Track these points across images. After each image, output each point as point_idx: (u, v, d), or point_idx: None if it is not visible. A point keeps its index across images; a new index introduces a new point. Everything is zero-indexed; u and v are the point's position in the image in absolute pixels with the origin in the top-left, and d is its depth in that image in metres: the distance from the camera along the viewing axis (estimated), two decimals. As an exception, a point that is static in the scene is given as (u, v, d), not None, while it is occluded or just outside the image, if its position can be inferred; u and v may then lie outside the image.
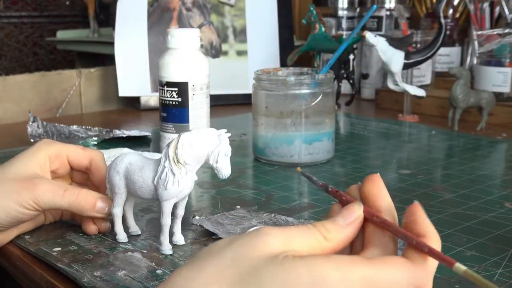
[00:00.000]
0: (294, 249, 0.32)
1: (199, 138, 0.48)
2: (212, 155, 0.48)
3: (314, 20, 1.14)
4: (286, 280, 0.29)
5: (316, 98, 0.78)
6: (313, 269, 0.30)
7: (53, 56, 2.27)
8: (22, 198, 0.50)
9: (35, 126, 0.91)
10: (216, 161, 0.48)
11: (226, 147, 0.48)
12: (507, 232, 0.56)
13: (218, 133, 0.48)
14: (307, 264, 0.30)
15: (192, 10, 1.26)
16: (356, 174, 0.76)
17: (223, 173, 0.49)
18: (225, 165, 0.48)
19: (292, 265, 0.30)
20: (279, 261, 0.30)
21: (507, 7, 1.16)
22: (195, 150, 0.48)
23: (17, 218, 0.51)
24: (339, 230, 0.35)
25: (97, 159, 0.56)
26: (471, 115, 1.05)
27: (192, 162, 0.48)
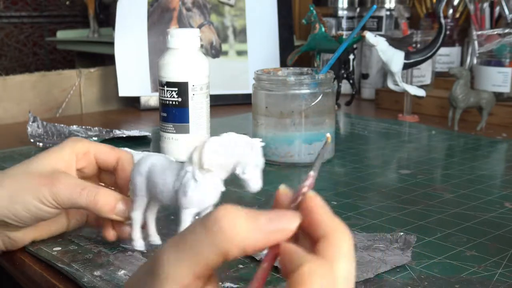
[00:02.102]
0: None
1: (228, 144, 0.44)
2: (241, 164, 0.43)
3: (314, 20, 1.14)
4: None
5: (316, 98, 0.78)
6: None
7: (53, 56, 2.27)
8: (41, 194, 0.48)
9: (35, 126, 0.91)
10: (243, 171, 0.43)
11: (257, 157, 0.44)
12: (507, 232, 0.56)
13: (250, 141, 0.44)
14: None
15: (192, 10, 1.26)
16: (356, 174, 0.76)
17: (250, 185, 0.44)
18: (254, 176, 0.43)
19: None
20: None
21: (507, 7, 1.16)
22: (222, 156, 0.43)
23: (36, 214, 0.49)
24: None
25: (124, 159, 0.53)
26: (471, 115, 1.05)
27: (218, 169, 0.44)
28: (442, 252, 0.51)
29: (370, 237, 0.53)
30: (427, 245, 0.53)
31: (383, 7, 1.33)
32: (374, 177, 0.75)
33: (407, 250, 0.50)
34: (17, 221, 0.49)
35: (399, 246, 0.52)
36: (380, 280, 0.46)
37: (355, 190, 0.69)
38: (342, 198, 0.66)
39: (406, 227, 0.57)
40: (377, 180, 0.73)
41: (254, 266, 0.49)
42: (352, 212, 0.61)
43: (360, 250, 0.51)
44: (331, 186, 0.71)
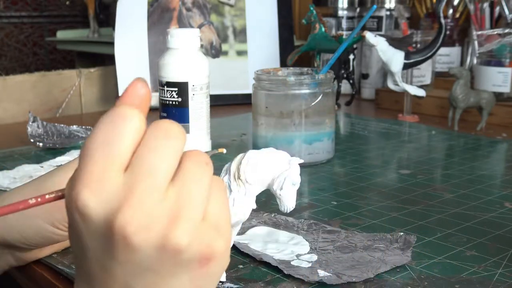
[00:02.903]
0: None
1: (267, 158, 0.43)
2: (278, 180, 0.43)
3: (314, 20, 1.14)
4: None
5: (316, 98, 0.78)
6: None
7: (53, 56, 2.27)
8: (54, 218, 0.46)
9: (35, 126, 0.91)
10: (281, 187, 0.43)
11: (294, 175, 0.43)
12: (507, 232, 0.56)
13: (289, 158, 0.44)
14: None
15: (192, 10, 1.26)
16: (356, 174, 0.76)
17: (285, 205, 0.44)
18: (289, 195, 0.43)
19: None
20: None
21: (507, 7, 1.16)
22: (260, 170, 0.43)
23: (49, 238, 0.47)
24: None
25: None
26: (471, 115, 1.05)
27: (254, 183, 0.43)
28: (442, 252, 0.51)
29: (370, 237, 0.53)
30: (427, 245, 0.53)
31: (383, 7, 1.33)
32: (374, 177, 0.75)
33: (407, 250, 0.50)
34: (28, 245, 0.48)
35: (399, 246, 0.52)
36: (380, 280, 0.46)
37: (355, 190, 0.69)
38: (342, 198, 0.66)
39: (406, 227, 0.57)
40: (377, 180, 0.73)
41: (254, 266, 0.49)
42: (352, 212, 0.61)
43: (360, 250, 0.51)
44: (331, 186, 0.71)
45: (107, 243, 0.29)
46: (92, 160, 0.29)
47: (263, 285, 0.46)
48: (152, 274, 0.30)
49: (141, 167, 0.29)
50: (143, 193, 0.28)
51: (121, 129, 0.29)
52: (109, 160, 0.29)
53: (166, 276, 0.30)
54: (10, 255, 0.50)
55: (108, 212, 0.28)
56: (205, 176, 0.30)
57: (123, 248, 0.28)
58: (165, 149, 0.29)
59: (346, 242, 0.53)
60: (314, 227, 0.56)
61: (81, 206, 0.28)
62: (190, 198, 0.29)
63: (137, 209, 0.28)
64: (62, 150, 0.86)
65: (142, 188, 0.28)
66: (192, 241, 0.29)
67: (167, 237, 0.28)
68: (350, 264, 0.48)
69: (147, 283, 0.30)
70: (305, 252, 0.51)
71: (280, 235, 0.55)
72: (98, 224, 0.28)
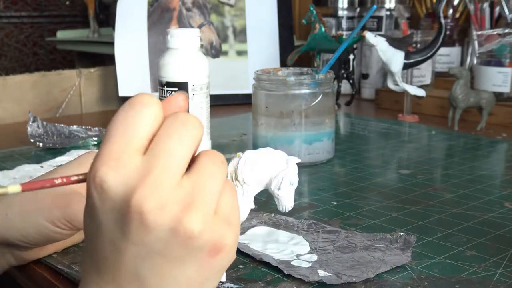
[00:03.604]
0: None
1: (264, 158, 0.43)
2: (275, 180, 0.43)
3: (314, 20, 1.14)
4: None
5: (316, 98, 0.78)
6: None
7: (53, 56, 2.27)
8: (54, 216, 0.46)
9: (35, 126, 0.91)
10: (278, 187, 0.43)
11: (292, 175, 0.43)
12: (507, 232, 0.56)
13: (286, 158, 0.44)
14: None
15: (192, 10, 1.26)
16: (356, 174, 0.76)
17: (283, 204, 0.44)
18: (287, 195, 0.43)
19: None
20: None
21: (507, 7, 1.16)
22: (258, 170, 0.43)
23: (49, 236, 0.47)
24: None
25: None
26: (471, 115, 1.05)
27: (252, 183, 0.43)
28: (442, 252, 0.51)
29: (370, 237, 0.53)
30: (427, 245, 0.53)
31: (383, 7, 1.33)
32: (374, 177, 0.75)
33: (407, 250, 0.50)
34: (29, 243, 0.47)
35: (399, 246, 0.52)
36: (380, 280, 0.46)
37: (355, 190, 0.69)
38: (342, 198, 0.66)
39: (406, 227, 0.57)
40: (377, 180, 0.73)
41: (254, 266, 0.49)
42: (352, 212, 0.61)
43: (360, 250, 0.51)
44: (331, 186, 0.71)
45: (122, 220, 0.29)
46: (112, 141, 0.30)
47: (263, 285, 0.46)
48: (161, 258, 0.30)
49: (159, 151, 0.30)
50: (161, 175, 0.29)
51: (141, 113, 0.30)
52: (128, 141, 0.30)
53: (174, 262, 0.30)
54: (10, 254, 0.50)
55: (125, 189, 0.29)
56: (220, 173, 0.31)
57: (137, 226, 0.29)
58: (183, 136, 0.30)
59: (346, 242, 0.53)
60: (314, 227, 0.56)
61: (99, 181, 0.29)
62: (205, 189, 0.30)
63: (154, 189, 0.29)
64: (62, 150, 0.86)
65: (159, 170, 0.29)
66: (204, 229, 0.30)
67: (180, 221, 0.29)
68: (350, 264, 0.48)
69: (155, 268, 0.30)
70: (305, 252, 0.51)
71: (280, 235, 0.55)
72: (115, 200, 0.29)
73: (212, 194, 0.31)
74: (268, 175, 0.43)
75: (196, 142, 0.31)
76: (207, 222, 0.30)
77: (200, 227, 0.30)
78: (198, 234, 0.30)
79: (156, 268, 0.30)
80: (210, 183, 0.31)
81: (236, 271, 0.48)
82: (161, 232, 0.29)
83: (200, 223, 0.30)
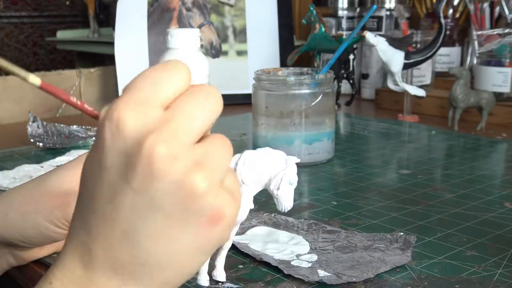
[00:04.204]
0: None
1: (263, 158, 0.43)
2: (275, 180, 0.43)
3: (314, 20, 1.14)
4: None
5: (316, 98, 0.78)
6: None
7: (53, 56, 2.27)
8: (54, 216, 0.45)
9: (35, 126, 0.91)
10: (277, 187, 0.43)
11: (291, 174, 0.43)
12: (507, 232, 0.56)
13: (285, 157, 0.43)
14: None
15: (192, 10, 1.26)
16: (356, 174, 0.76)
17: (283, 204, 0.44)
18: (287, 194, 0.43)
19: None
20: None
21: (507, 7, 1.16)
22: (256, 171, 0.43)
23: (48, 236, 0.46)
24: None
25: None
26: (471, 115, 1.05)
27: (251, 183, 0.43)
28: (442, 252, 0.51)
29: (370, 237, 0.53)
30: (427, 245, 0.53)
31: (383, 7, 1.33)
32: (374, 177, 0.75)
33: (407, 250, 0.50)
34: (28, 243, 0.47)
35: (399, 246, 0.52)
36: (380, 280, 0.46)
37: (355, 190, 0.69)
38: (342, 198, 0.66)
39: (406, 227, 0.57)
40: (377, 180, 0.73)
41: (254, 266, 0.49)
42: (352, 212, 0.61)
43: (360, 250, 0.51)
44: (331, 186, 0.71)
45: (129, 163, 0.29)
46: (137, 89, 0.30)
47: (263, 285, 0.46)
48: (160, 215, 0.29)
49: (181, 110, 0.30)
50: (178, 128, 0.29)
51: (170, 73, 0.31)
52: (153, 92, 0.30)
53: (173, 222, 0.29)
54: (10, 254, 0.50)
55: (141, 132, 0.29)
56: (228, 153, 0.31)
57: (145, 171, 0.28)
58: (205, 105, 0.30)
59: (346, 242, 0.53)
60: (314, 227, 0.56)
61: (117, 119, 0.29)
62: (215, 159, 0.30)
63: (170, 138, 0.29)
64: (62, 150, 0.86)
65: (178, 124, 0.29)
66: (209, 191, 0.29)
67: (188, 176, 0.29)
68: (350, 264, 0.48)
69: (151, 226, 0.29)
70: (305, 252, 0.51)
71: (280, 235, 0.55)
72: (127, 141, 0.29)
73: (221, 166, 0.31)
74: (267, 175, 0.43)
75: (215, 116, 0.31)
76: (213, 186, 0.30)
77: (206, 186, 0.29)
78: (202, 193, 0.29)
79: (152, 226, 0.29)
80: (220, 156, 0.31)
81: (236, 271, 0.48)
82: (167, 183, 0.29)
83: (207, 183, 0.29)
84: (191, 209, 0.29)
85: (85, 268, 0.30)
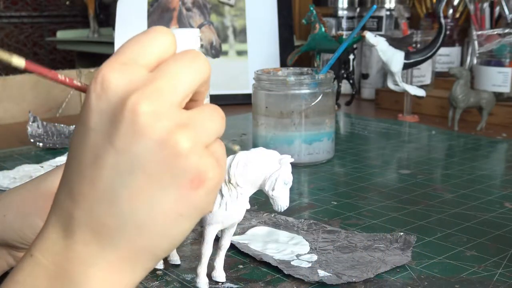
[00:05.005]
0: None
1: (257, 159, 0.42)
2: (269, 180, 0.42)
3: (314, 20, 1.14)
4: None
5: (316, 98, 0.78)
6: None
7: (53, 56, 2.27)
8: None
9: (35, 126, 0.91)
10: (272, 188, 0.42)
11: (286, 174, 0.43)
12: (507, 232, 0.56)
13: (279, 157, 0.43)
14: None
15: (192, 10, 1.26)
16: (356, 174, 0.76)
17: (279, 204, 0.43)
18: (282, 194, 0.43)
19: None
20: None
21: (507, 7, 1.16)
22: (251, 172, 0.42)
23: None
24: None
25: None
26: (471, 115, 1.05)
27: (245, 185, 0.43)
28: (442, 252, 0.51)
29: (370, 237, 0.53)
30: (427, 245, 0.53)
31: (383, 7, 1.33)
32: (374, 177, 0.75)
33: (407, 250, 0.50)
34: (27, 244, 0.46)
35: (399, 246, 0.52)
36: (380, 280, 0.46)
37: (355, 190, 0.69)
38: (342, 198, 0.66)
39: (406, 227, 0.57)
40: (377, 180, 0.73)
41: (254, 266, 0.49)
42: (352, 212, 0.61)
43: (360, 250, 0.51)
44: (331, 186, 0.71)
45: (112, 121, 0.28)
46: (121, 51, 0.30)
47: (263, 285, 0.46)
48: (142, 175, 0.29)
49: (166, 71, 0.29)
50: (163, 87, 0.29)
51: (155, 37, 0.31)
52: (138, 54, 0.30)
53: (154, 183, 0.29)
54: (9, 255, 0.50)
55: (125, 90, 0.28)
56: (218, 121, 0.31)
57: (128, 128, 0.28)
58: (191, 67, 0.30)
59: (346, 242, 0.53)
60: (314, 227, 0.56)
61: (101, 79, 0.29)
62: (201, 123, 0.30)
63: (155, 96, 0.28)
64: (62, 150, 0.86)
65: (163, 83, 0.29)
66: (192, 151, 0.29)
67: (171, 134, 0.28)
68: (350, 264, 0.48)
69: (132, 187, 0.29)
70: (305, 252, 0.51)
71: (280, 235, 0.55)
72: (111, 99, 0.29)
73: (208, 130, 0.30)
74: (262, 176, 0.43)
75: (202, 78, 0.31)
76: (197, 147, 0.29)
77: (189, 146, 0.29)
78: (186, 152, 0.28)
79: (133, 187, 0.29)
80: (207, 121, 0.30)
81: (236, 271, 0.48)
82: (150, 141, 0.28)
83: (191, 143, 0.29)
84: (173, 169, 0.29)
85: (65, 236, 0.30)
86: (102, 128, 0.29)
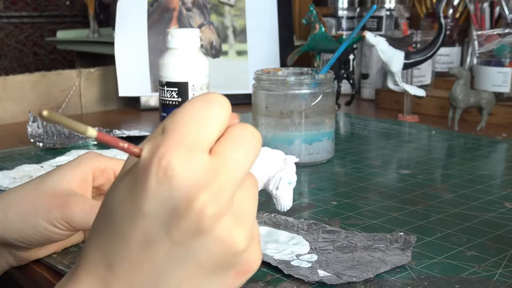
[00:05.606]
0: None
1: (262, 158, 0.42)
2: (273, 179, 0.42)
3: (314, 20, 1.14)
4: None
5: (316, 98, 0.78)
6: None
7: (53, 56, 2.27)
8: (53, 217, 0.45)
9: (35, 126, 0.91)
10: (276, 187, 0.42)
11: (290, 174, 0.43)
12: (507, 232, 0.56)
13: (284, 157, 0.43)
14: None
15: (192, 10, 1.26)
16: (356, 174, 0.76)
17: (282, 204, 0.43)
18: (286, 194, 0.43)
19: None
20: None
21: (507, 7, 1.16)
22: (255, 171, 0.41)
23: (47, 237, 0.46)
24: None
25: None
26: (471, 115, 1.05)
27: None
28: (442, 252, 0.51)
29: (370, 237, 0.53)
30: (427, 245, 0.53)
31: (383, 7, 1.33)
32: (374, 177, 0.75)
33: (407, 250, 0.50)
34: (27, 244, 0.47)
35: (399, 246, 0.52)
36: (380, 280, 0.46)
37: (355, 190, 0.69)
38: (342, 198, 0.66)
39: (406, 227, 0.57)
40: (377, 180, 0.73)
41: (254, 266, 0.49)
42: (352, 212, 0.61)
43: (360, 250, 0.51)
44: (331, 186, 0.71)
45: (173, 214, 0.28)
46: (184, 130, 0.29)
47: (263, 285, 0.46)
48: (195, 267, 0.29)
49: (229, 159, 0.29)
50: (227, 183, 0.29)
51: (215, 111, 0.30)
52: (201, 134, 0.29)
53: (205, 274, 0.30)
54: (9, 254, 0.50)
55: (191, 185, 0.28)
56: (256, 199, 0.32)
57: (191, 226, 0.28)
58: (250, 151, 0.30)
59: (346, 242, 0.53)
60: (314, 227, 0.56)
61: (166, 166, 0.28)
62: (249, 209, 0.31)
63: (220, 196, 0.28)
64: (62, 150, 0.86)
65: (227, 178, 0.29)
66: (246, 248, 0.30)
67: (230, 234, 0.29)
68: (350, 264, 0.48)
69: (182, 276, 0.29)
70: (305, 252, 0.51)
71: (280, 235, 0.55)
72: (175, 191, 0.28)
73: (253, 215, 0.31)
74: (266, 175, 0.43)
75: (256, 158, 0.31)
76: (248, 241, 0.30)
77: (245, 245, 0.29)
78: (242, 251, 0.29)
79: (183, 276, 0.29)
80: (252, 204, 0.31)
81: (236, 271, 0.48)
82: (210, 239, 0.28)
83: (246, 241, 0.30)
84: (226, 263, 0.30)
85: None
86: (160, 217, 0.28)
